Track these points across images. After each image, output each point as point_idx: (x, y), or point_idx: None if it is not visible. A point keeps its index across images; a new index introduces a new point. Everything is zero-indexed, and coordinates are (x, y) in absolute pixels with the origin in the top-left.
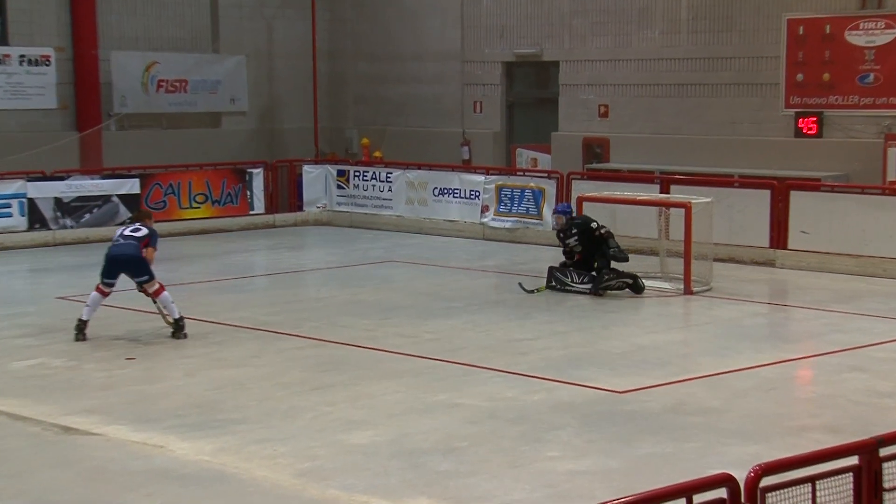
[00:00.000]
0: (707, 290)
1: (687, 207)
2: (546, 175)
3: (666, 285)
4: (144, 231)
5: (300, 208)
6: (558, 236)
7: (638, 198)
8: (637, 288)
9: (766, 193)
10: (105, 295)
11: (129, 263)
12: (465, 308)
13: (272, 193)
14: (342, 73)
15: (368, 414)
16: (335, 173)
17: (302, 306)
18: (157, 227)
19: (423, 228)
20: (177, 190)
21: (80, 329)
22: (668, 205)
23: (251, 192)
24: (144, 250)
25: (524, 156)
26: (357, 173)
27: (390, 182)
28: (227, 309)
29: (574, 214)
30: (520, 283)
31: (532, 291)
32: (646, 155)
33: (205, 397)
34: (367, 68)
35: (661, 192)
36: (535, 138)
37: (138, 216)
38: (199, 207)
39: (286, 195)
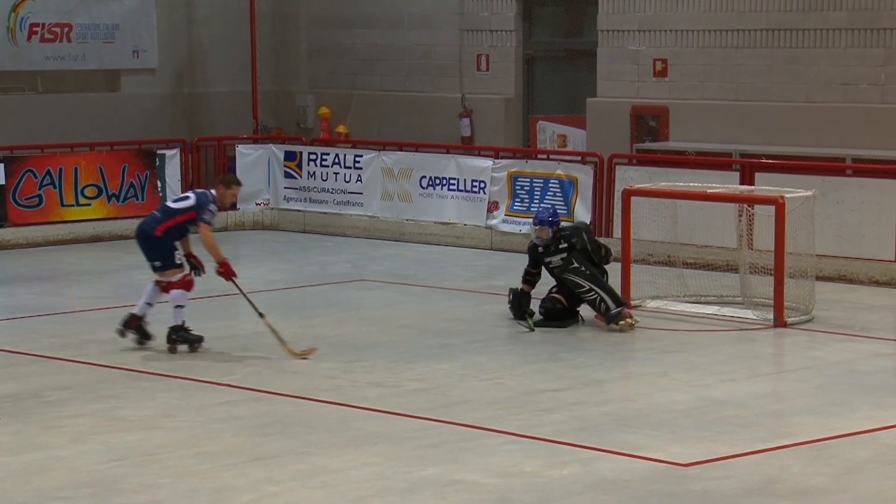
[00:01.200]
0: (807, 321)
1: (778, 204)
2: (580, 159)
3: (748, 314)
4: (190, 201)
5: (233, 206)
6: (535, 253)
7: (710, 191)
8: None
9: (892, 184)
10: (160, 285)
11: (140, 243)
12: (466, 346)
13: (193, 184)
14: (291, 15)
15: (328, 497)
16: (282, 156)
17: (235, 344)
18: (25, 232)
19: (406, 234)
20: (57, 180)
21: (128, 325)
22: (753, 200)
23: (163, 182)
24: (190, 227)
25: (549, 131)
26: (313, 157)
27: (360, 169)
28: (128, 348)
29: (560, 224)
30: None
31: (528, 328)
32: (720, 130)
33: (98, 473)
34: (325, 8)
35: (741, 184)
36: (564, 107)
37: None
38: (88, 205)
39: (212, 187)
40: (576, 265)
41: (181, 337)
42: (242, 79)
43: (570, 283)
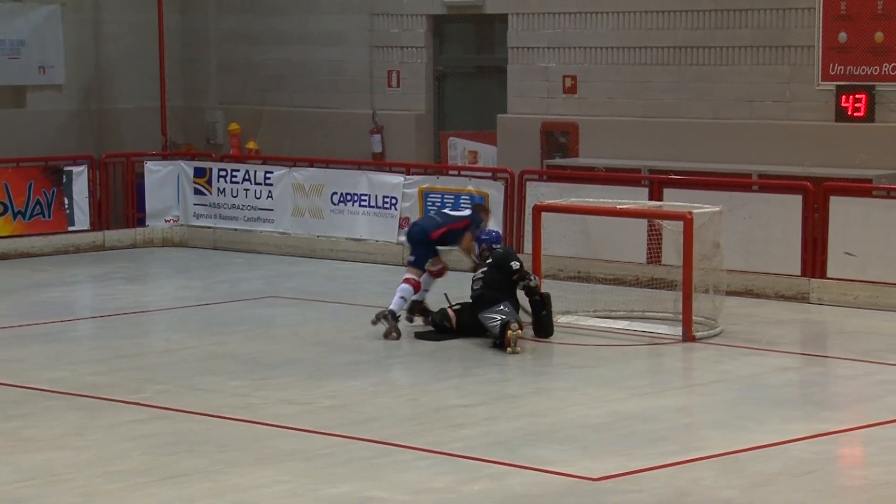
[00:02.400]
0: (715, 336)
1: (686, 220)
2: (490, 175)
3: (658, 329)
4: (467, 212)
5: (141, 223)
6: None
7: (619, 207)
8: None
9: (797, 200)
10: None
11: (414, 238)
12: (379, 363)
13: (101, 202)
14: (201, 31)
15: None
16: (192, 173)
17: (144, 362)
18: None
19: (318, 251)
20: None
21: (412, 311)
22: (661, 216)
23: (70, 199)
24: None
25: (459, 147)
26: (223, 173)
27: (271, 185)
28: (36, 367)
29: (492, 246)
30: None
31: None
32: (630, 146)
33: (4, 494)
34: (235, 24)
35: (650, 199)
36: (474, 123)
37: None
38: None
39: (121, 204)
40: (480, 286)
41: (388, 319)
42: (151, 94)
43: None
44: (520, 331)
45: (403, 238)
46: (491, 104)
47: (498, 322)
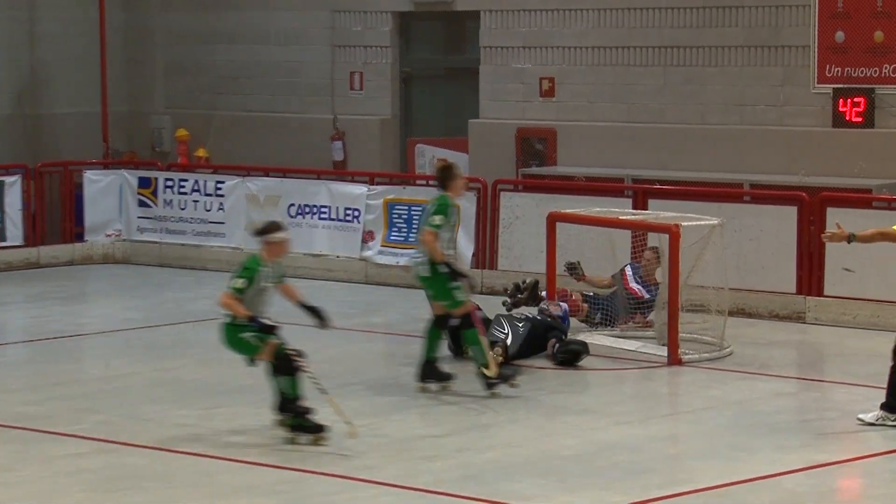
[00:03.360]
0: (707, 359)
1: (672, 233)
2: None
3: (646, 349)
4: None
5: (80, 238)
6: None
7: (621, 218)
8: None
9: (792, 211)
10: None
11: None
12: (339, 390)
13: (36, 215)
14: (146, 29)
15: None
16: (136, 183)
17: (82, 390)
18: None
19: None
20: None
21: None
22: (644, 228)
23: (2, 212)
24: None
25: (428, 155)
26: (170, 183)
27: (222, 197)
28: None
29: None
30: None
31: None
32: (611, 153)
33: None
34: (184, 21)
35: (634, 209)
36: (444, 129)
37: None
38: None
39: (58, 218)
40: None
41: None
42: (91, 98)
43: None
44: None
45: (369, 253)
46: (462, 108)
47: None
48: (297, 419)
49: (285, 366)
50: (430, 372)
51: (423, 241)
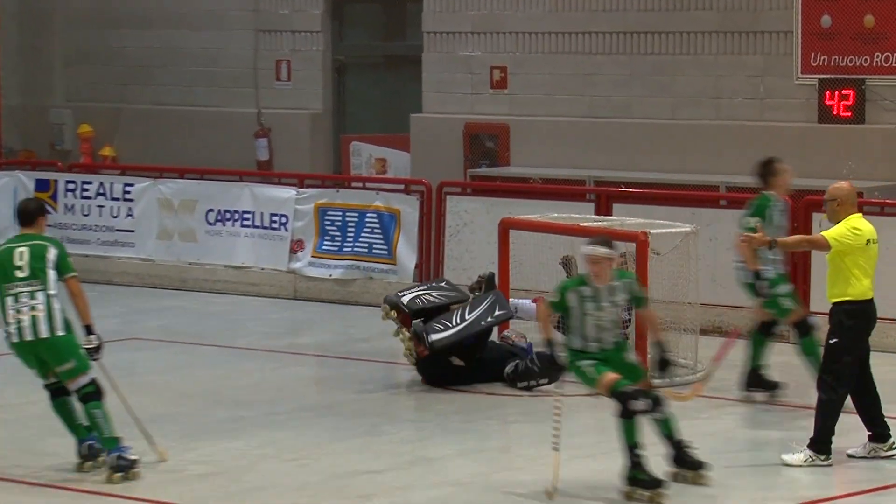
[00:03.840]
0: (678, 384)
1: (640, 241)
2: (403, 188)
3: None
4: None
5: None
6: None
7: (582, 225)
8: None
9: None
10: None
11: None
12: (264, 420)
13: None
14: (45, 13)
15: None
16: (32, 186)
17: None
18: None
19: (190, 281)
20: None
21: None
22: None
23: None
24: None
25: (365, 154)
26: (72, 186)
27: (131, 201)
28: None
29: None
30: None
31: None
32: (571, 152)
33: None
34: (87, 3)
35: (597, 214)
36: (383, 125)
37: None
38: None
39: None
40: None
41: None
42: None
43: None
44: (409, 343)
45: (297, 265)
46: (403, 101)
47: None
48: (631, 471)
49: (621, 407)
50: (756, 380)
51: (737, 247)
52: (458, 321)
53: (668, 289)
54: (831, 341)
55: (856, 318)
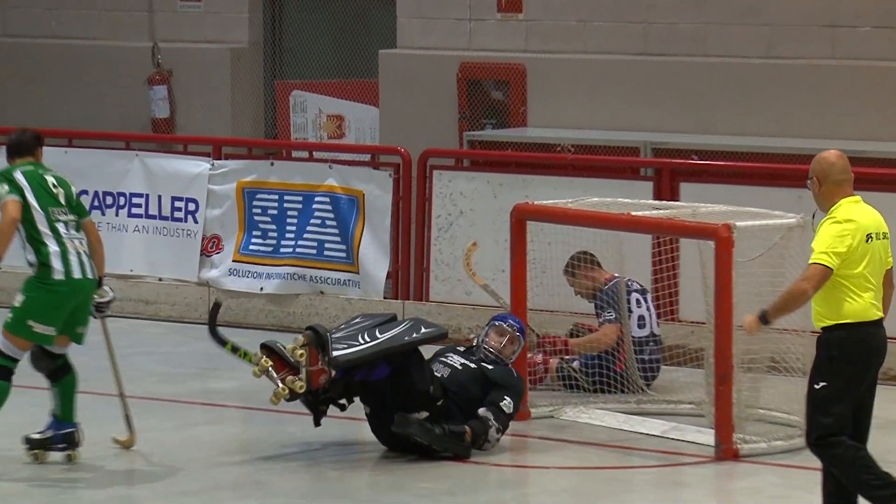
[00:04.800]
0: (780, 450)
1: (721, 239)
2: (368, 159)
3: (680, 433)
4: None
5: None
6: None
7: (634, 214)
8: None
9: None
10: None
11: None
12: (164, 497)
13: None
14: None
15: None
16: None
17: None
18: None
19: None
20: None
21: None
22: (673, 231)
23: None
24: None
25: (311, 109)
26: None
27: None
28: None
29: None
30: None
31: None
32: (618, 106)
33: None
34: None
35: (657, 198)
36: (337, 66)
37: None
38: None
39: None
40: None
41: None
42: None
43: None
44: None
45: (213, 274)
46: (367, 32)
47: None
48: None
49: None
50: None
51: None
52: (366, 339)
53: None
54: (817, 385)
55: (851, 350)
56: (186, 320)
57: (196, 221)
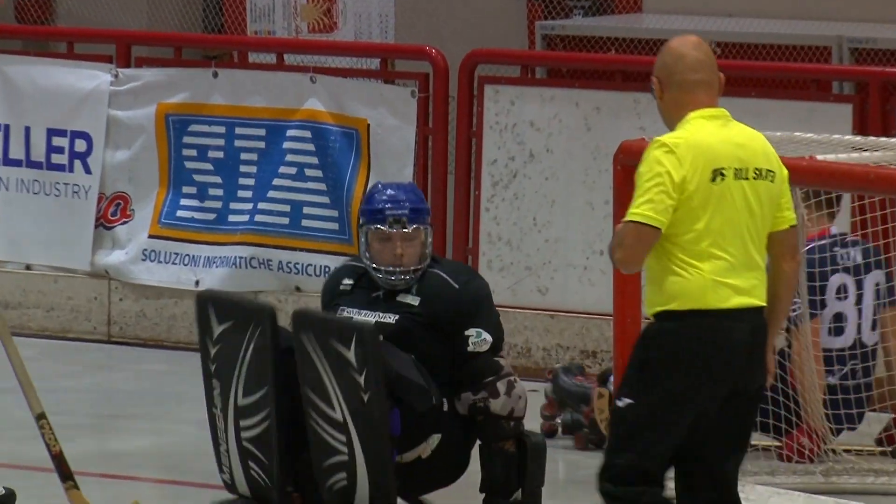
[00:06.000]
0: None
1: None
2: (377, 67)
3: None
4: None
5: None
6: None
7: (820, 160)
8: None
9: None
10: None
11: None
12: None
13: None
14: None
15: None
16: None
17: None
18: None
19: None
20: None
21: None
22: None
23: None
24: None
25: None
26: None
27: None
28: None
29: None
30: None
31: None
32: None
33: None
34: None
35: (860, 132)
36: None
37: None
38: None
39: None
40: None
41: None
42: None
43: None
44: None
45: (116, 257)
46: None
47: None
48: None
49: None
50: None
51: None
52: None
53: None
54: (620, 402)
55: (678, 351)
56: (72, 336)
57: (88, 171)
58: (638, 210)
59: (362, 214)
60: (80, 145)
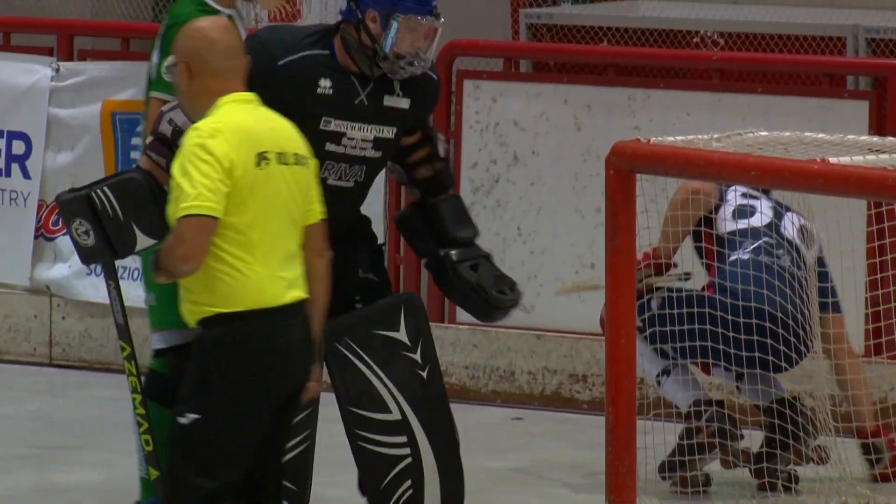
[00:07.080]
0: None
1: None
2: None
3: None
4: None
5: None
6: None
7: (833, 162)
8: None
9: None
10: None
11: None
12: None
13: None
14: None
15: None
16: None
17: None
18: None
19: None
20: None
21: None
22: None
23: None
24: None
25: None
26: None
27: None
28: None
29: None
30: None
31: None
32: None
33: None
34: None
35: (877, 131)
36: None
37: None
38: None
39: None
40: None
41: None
42: None
43: None
44: None
45: (56, 271)
46: None
47: None
48: None
49: None
50: None
51: None
52: None
53: None
54: (183, 419)
55: (233, 357)
56: (9, 358)
57: (27, 176)
58: (193, 203)
59: (394, 5)
60: (18, 147)
